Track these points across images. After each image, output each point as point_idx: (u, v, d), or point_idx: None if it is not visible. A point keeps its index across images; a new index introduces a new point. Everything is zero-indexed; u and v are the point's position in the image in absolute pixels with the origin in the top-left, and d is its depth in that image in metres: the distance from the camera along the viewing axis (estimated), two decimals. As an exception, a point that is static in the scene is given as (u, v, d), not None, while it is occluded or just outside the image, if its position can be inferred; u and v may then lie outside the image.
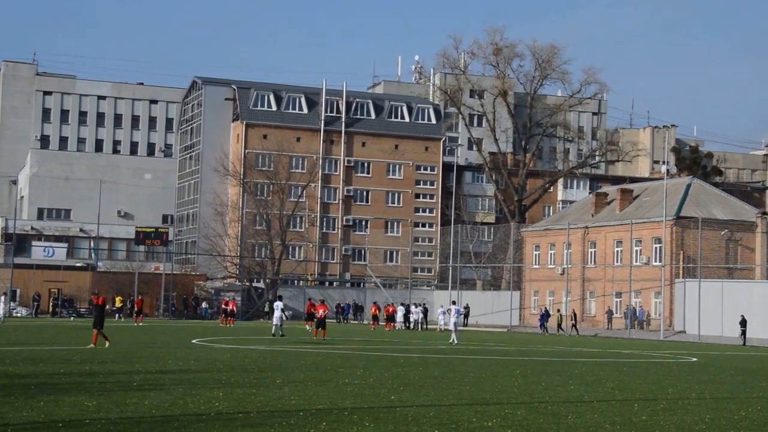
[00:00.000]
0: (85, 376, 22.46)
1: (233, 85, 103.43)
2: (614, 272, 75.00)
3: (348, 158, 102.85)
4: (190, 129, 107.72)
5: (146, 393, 18.65)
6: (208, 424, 14.77)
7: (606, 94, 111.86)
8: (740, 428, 16.08)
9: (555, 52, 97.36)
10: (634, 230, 72.42)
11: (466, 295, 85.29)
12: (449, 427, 15.06)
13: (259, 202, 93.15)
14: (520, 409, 17.79)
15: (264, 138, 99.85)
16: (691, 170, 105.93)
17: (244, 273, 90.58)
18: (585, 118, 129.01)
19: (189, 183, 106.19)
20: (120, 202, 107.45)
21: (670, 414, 17.75)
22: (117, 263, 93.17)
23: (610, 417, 16.93)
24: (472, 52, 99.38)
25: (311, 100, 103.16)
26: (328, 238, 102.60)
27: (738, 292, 63.58)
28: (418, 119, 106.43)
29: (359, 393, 19.75)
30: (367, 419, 15.62)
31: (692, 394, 22.04)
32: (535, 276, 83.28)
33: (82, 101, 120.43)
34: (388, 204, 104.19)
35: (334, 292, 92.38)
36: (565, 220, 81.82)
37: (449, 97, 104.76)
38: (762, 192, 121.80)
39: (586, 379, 25.48)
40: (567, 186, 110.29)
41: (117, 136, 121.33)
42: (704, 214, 70.47)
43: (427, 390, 20.86)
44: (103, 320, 34.46)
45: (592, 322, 76.56)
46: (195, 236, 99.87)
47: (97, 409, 15.95)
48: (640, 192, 79.99)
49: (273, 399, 18.22)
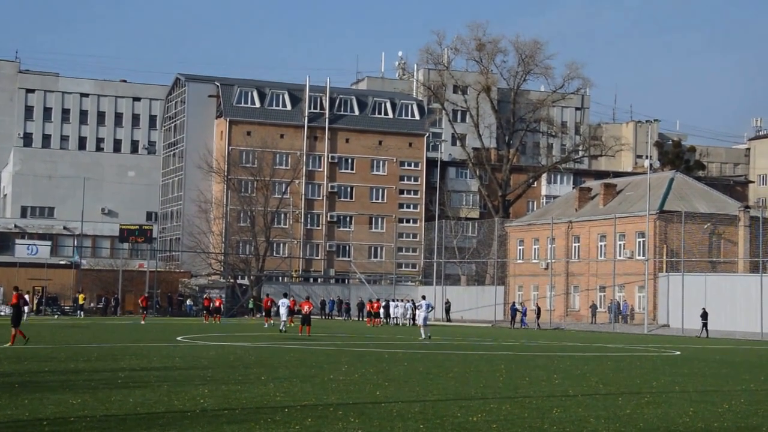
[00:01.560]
0: (70, 373, 22.41)
1: (216, 82, 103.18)
2: (598, 267, 75.23)
3: (332, 154, 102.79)
4: (174, 126, 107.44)
5: (131, 390, 18.61)
6: (193, 421, 14.76)
7: (589, 89, 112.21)
8: (724, 421, 16.17)
9: (538, 47, 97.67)
10: (618, 224, 72.67)
11: (450, 291, 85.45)
12: (434, 422, 15.09)
13: (243, 198, 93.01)
14: (505, 403, 17.84)
15: (248, 135, 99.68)
16: (674, 164, 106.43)
17: (229, 270, 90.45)
18: (568, 113, 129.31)
19: (173, 180, 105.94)
20: (104, 200, 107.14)
21: (654, 407, 17.83)
22: (101, 261, 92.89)
23: (594, 411, 17.00)
24: (456, 47, 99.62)
25: (295, 96, 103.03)
26: (312, 235, 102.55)
27: (721, 285, 63.90)
28: (401, 115, 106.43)
29: (344, 389, 19.76)
30: (353, 415, 15.64)
31: (676, 387, 22.14)
32: (519, 271, 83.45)
33: (65, 99, 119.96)
34: (372, 200, 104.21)
35: (319, 289, 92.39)
36: (549, 214, 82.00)
37: (433, 92, 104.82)
38: (744, 186, 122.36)
39: (571, 373, 25.56)
40: (551, 181, 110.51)
41: (100, 134, 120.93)
42: (687, 208, 70.74)
43: (412, 385, 20.88)
44: (20, 318, 33.77)
45: (576, 316, 76.79)
46: (179, 233, 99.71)
47: (82, 407, 15.91)
48: (624, 186, 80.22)
49: (258, 396, 18.21)
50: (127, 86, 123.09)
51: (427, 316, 47.72)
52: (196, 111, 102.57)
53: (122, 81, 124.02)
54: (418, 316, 49.61)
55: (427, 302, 49.02)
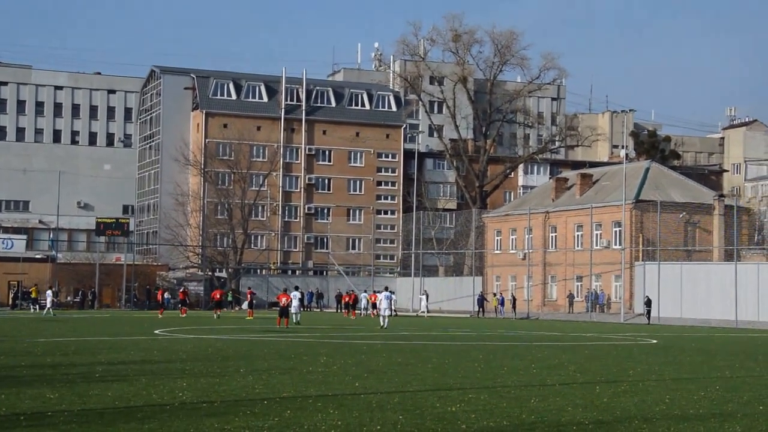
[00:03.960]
0: (47, 368, 22.31)
1: (192, 74, 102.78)
2: (575, 256, 75.54)
3: (309, 146, 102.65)
4: (150, 119, 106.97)
5: (109, 384, 18.56)
6: (171, 414, 14.74)
7: (565, 79, 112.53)
8: (699, 408, 16.30)
9: (514, 37, 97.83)
10: (594, 214, 72.96)
11: (428, 282, 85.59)
12: (413, 412, 15.14)
13: (220, 191, 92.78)
14: (483, 393, 17.91)
15: (224, 127, 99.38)
16: (650, 154, 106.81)
17: (206, 262, 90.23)
18: (544, 103, 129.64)
19: (149, 173, 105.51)
20: (79, 193, 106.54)
21: (631, 395, 17.95)
22: (77, 254, 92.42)
23: (572, 400, 17.09)
24: (432, 38, 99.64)
25: (271, 88, 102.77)
26: (290, 227, 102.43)
27: (696, 274, 64.34)
28: (378, 106, 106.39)
29: (323, 380, 19.78)
30: (332, 406, 15.67)
31: (652, 375, 22.29)
32: (497, 261, 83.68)
33: (39, 91, 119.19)
34: (350, 192, 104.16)
35: (297, 281, 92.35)
36: (526, 205, 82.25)
37: (409, 84, 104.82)
38: (719, 175, 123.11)
39: (548, 362, 25.68)
40: (527, 171, 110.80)
41: (75, 127, 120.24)
42: (663, 197, 71.13)
43: (390, 376, 20.93)
44: None
45: (554, 306, 77.13)
46: (156, 226, 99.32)
47: (60, 401, 15.85)
48: (600, 176, 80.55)
49: (237, 388, 18.20)
50: (102, 78, 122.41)
51: (387, 306, 48.68)
52: (171, 103, 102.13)
53: (97, 73, 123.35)
54: (379, 305, 51.33)
55: (386, 293, 50.06)
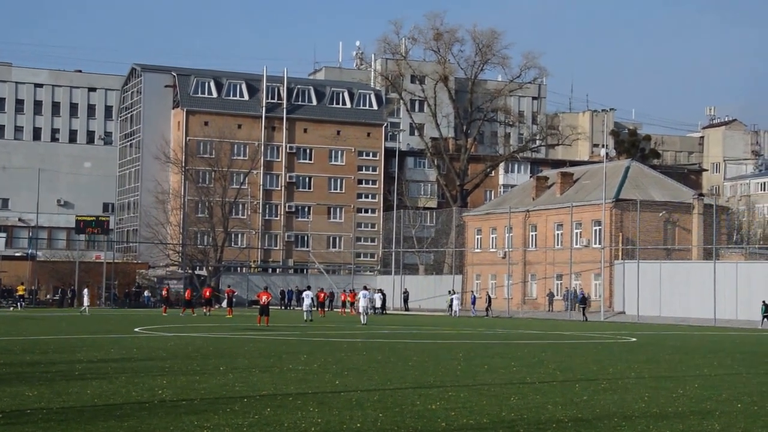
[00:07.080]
0: (26, 366, 22.23)
1: (173, 72, 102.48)
2: (555, 255, 75.75)
3: (290, 145, 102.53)
4: (130, 116, 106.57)
5: (88, 382, 18.51)
6: (151, 412, 14.72)
7: (545, 78, 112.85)
8: (678, 405, 16.41)
9: (495, 36, 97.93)
10: (574, 213, 73.16)
11: (408, 280, 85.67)
12: (393, 410, 15.17)
13: (200, 189, 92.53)
14: (463, 391, 17.96)
15: (205, 125, 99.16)
16: (630, 153, 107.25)
17: (187, 261, 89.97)
18: (525, 102, 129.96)
19: (130, 171, 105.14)
20: (59, 191, 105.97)
21: (611, 393, 18.04)
22: (57, 252, 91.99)
23: (552, 397, 17.16)
24: (413, 37, 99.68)
25: (252, 86, 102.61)
26: (270, 225, 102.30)
27: (675, 272, 64.65)
28: (359, 105, 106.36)
29: (303, 378, 19.80)
30: (312, 404, 15.68)
31: (632, 373, 22.40)
32: (477, 260, 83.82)
33: (19, 89, 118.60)
34: (331, 190, 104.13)
35: (278, 279, 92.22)
36: (507, 204, 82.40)
37: (390, 82, 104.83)
38: (698, 174, 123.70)
39: (528, 361, 25.76)
40: (508, 170, 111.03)
41: (55, 124, 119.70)
42: (643, 196, 71.41)
43: (370, 374, 20.96)
44: None
45: (534, 304, 77.31)
46: (136, 224, 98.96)
47: (38, 399, 15.81)
48: (580, 175, 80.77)
49: (217, 386, 18.19)
50: (82, 76, 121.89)
51: (365, 304, 50.48)
52: (152, 101, 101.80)
53: (77, 71, 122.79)
54: (357, 303, 53.63)
55: (363, 292, 51.74)
